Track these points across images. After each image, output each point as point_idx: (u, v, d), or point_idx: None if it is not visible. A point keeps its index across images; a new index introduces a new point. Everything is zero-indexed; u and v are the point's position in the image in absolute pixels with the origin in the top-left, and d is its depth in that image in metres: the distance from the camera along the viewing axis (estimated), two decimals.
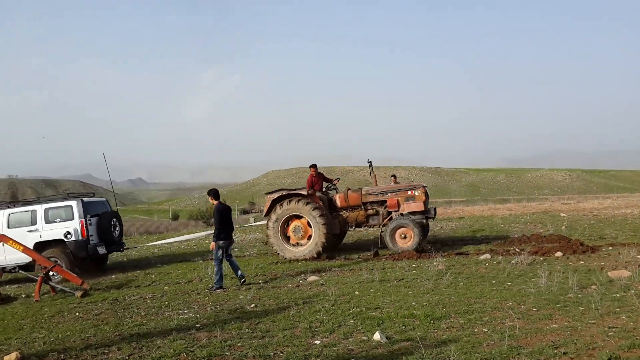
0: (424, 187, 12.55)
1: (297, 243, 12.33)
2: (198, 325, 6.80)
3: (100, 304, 8.80)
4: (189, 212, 66.51)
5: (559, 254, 10.55)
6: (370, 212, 12.56)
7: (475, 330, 5.81)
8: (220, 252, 9.54)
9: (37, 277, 10.16)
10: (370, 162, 13.74)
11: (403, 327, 6.05)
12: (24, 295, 10.30)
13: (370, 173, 13.46)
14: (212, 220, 12.74)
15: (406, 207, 12.10)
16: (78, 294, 9.66)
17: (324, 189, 13.21)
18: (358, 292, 8.19)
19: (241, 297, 8.56)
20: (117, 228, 13.32)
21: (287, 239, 12.37)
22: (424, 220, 12.11)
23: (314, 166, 13.24)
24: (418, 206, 12.03)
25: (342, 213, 12.71)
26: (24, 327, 7.52)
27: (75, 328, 7.09)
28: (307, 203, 12.07)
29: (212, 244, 9.57)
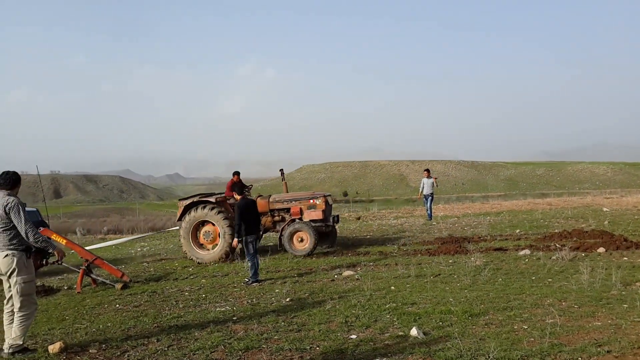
0: (325, 196, 12.98)
1: (207, 247, 12.83)
2: (235, 318, 6.86)
3: (139, 296, 8.97)
4: None
5: (601, 249, 10.24)
6: (276, 218, 13.14)
7: (515, 327, 5.69)
8: (250, 246, 9.60)
9: (79, 269, 10.43)
10: (282, 170, 14.45)
11: (440, 323, 5.97)
12: (66, 287, 10.59)
13: (282, 181, 14.20)
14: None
15: (307, 215, 12.68)
16: (118, 286, 9.88)
17: (244, 194, 13.61)
18: (394, 287, 8.12)
19: (277, 290, 8.60)
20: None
21: (200, 243, 12.89)
22: (324, 227, 12.57)
23: (236, 173, 13.94)
24: (317, 214, 12.61)
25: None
26: (67, 318, 7.71)
27: (116, 319, 7.25)
28: (214, 209, 12.62)
29: (235, 241, 9.74)
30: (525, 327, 5.65)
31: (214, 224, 12.69)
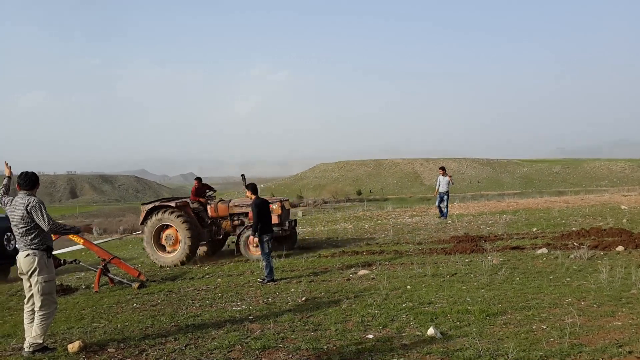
0: (281, 201, 13.23)
1: (169, 250, 13.04)
2: (251, 317, 6.88)
3: (156, 295, 9.04)
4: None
5: (620, 248, 10.10)
6: (236, 222, 13.29)
7: (534, 327, 5.63)
8: (266, 245, 9.63)
9: (97, 268, 10.54)
10: (243, 175, 14.61)
11: (458, 323, 5.93)
12: (83, 286, 10.70)
13: (243, 186, 14.49)
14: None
15: None
16: (135, 285, 9.96)
17: (206, 198, 13.99)
18: (410, 286, 8.08)
19: (292, 290, 8.61)
20: (13, 241, 13.96)
21: (162, 246, 13.10)
22: (280, 231, 12.77)
23: (198, 179, 14.26)
24: (273, 219, 12.52)
25: (219, 222, 13.50)
26: (85, 317, 7.79)
27: (133, 318, 7.31)
28: (174, 213, 12.83)
29: (251, 237, 9.57)
30: (544, 327, 5.59)
31: (175, 228, 12.94)
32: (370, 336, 5.68)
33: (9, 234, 14.06)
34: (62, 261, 10.92)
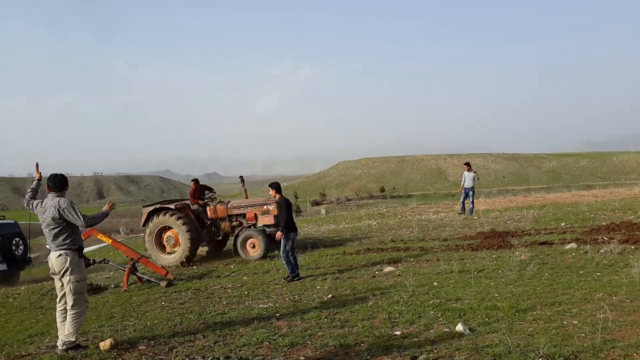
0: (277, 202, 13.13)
1: (169, 251, 13.35)
2: (278, 315, 6.91)
3: (184, 294, 9.15)
4: None
5: None
6: (234, 223, 13.56)
7: (565, 322, 5.53)
8: (289, 244, 9.59)
9: (125, 268, 10.71)
10: (242, 177, 15.20)
11: (486, 319, 5.86)
12: (112, 285, 10.89)
13: (242, 187, 14.79)
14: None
15: (261, 220, 13.19)
16: (163, 284, 10.10)
17: (205, 200, 14.21)
18: (436, 283, 8.03)
19: (318, 287, 8.63)
20: (21, 246, 14.68)
21: (164, 247, 13.45)
22: (275, 232, 12.78)
23: (195, 181, 14.63)
24: (269, 219, 13.08)
25: (218, 223, 13.80)
26: (115, 315, 7.94)
27: (162, 316, 7.41)
28: (174, 215, 13.14)
29: (279, 233, 9.56)
30: (575, 322, 5.50)
31: (175, 230, 13.23)
32: (398, 333, 5.65)
33: (17, 239, 14.57)
34: (91, 261, 11.13)
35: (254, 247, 12.72)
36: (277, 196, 9.91)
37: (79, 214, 5.81)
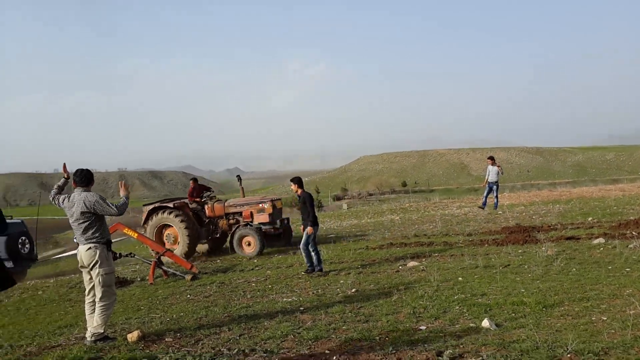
0: (273, 200, 13.69)
1: (169, 248, 13.35)
2: (302, 309, 6.93)
3: (208, 287, 9.24)
4: (283, 200, 68.15)
5: None
6: (231, 221, 13.80)
7: (593, 318, 5.44)
8: (310, 237, 9.54)
9: (151, 261, 10.86)
10: (239, 176, 15.41)
11: (513, 315, 5.80)
12: (139, 279, 11.05)
13: (239, 186, 15.07)
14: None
15: (256, 218, 13.40)
16: (188, 277, 10.21)
17: (203, 199, 14.47)
18: (461, 278, 7.96)
19: (341, 281, 8.63)
20: (27, 245, 15.02)
21: (163, 244, 13.48)
22: (271, 230, 13.41)
23: (194, 179, 15.12)
24: (264, 217, 13.33)
25: (216, 221, 14.08)
26: (142, 308, 8.05)
27: (188, 309, 7.49)
28: (173, 213, 13.48)
29: (310, 228, 9.48)
30: (604, 318, 5.40)
31: (174, 227, 13.54)
32: (423, 327, 5.63)
33: (23, 237, 15.05)
34: (118, 254, 11.31)
35: (249, 244, 13.00)
36: (300, 191, 9.82)
37: (110, 204, 5.93)
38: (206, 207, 14.07)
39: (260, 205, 13.49)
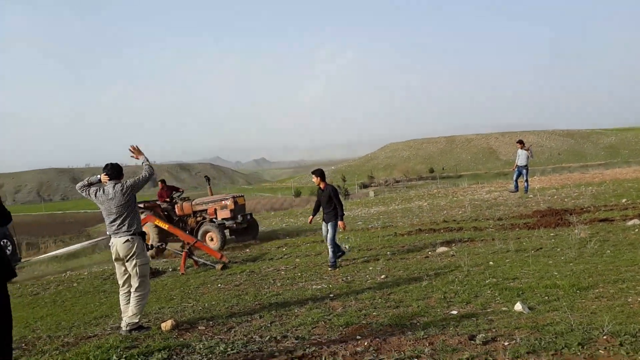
0: (234, 197, 14.31)
1: None
2: (332, 295, 6.95)
3: (239, 276, 9.33)
4: (310, 189, 68.39)
5: None
6: (198, 218, 14.50)
7: (629, 299, 5.32)
8: (337, 231, 9.15)
9: (182, 252, 11.02)
10: (207, 177, 16.34)
11: (546, 298, 5.71)
12: (170, 269, 11.22)
13: (208, 186, 15.70)
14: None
15: (219, 215, 14.12)
16: (218, 266, 10.33)
17: (174, 199, 15.32)
18: (492, 262, 7.87)
19: (370, 268, 8.62)
20: (9, 247, 15.39)
21: None
22: (234, 225, 14.02)
23: (162, 181, 15.95)
24: (226, 214, 14.10)
25: (185, 219, 14.78)
26: (174, 297, 8.18)
27: (219, 298, 7.58)
28: (143, 213, 13.77)
29: (341, 222, 8.99)
30: None
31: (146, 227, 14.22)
32: (454, 312, 5.58)
33: (4, 240, 15.43)
34: (150, 245, 11.52)
35: (212, 239, 13.74)
36: (323, 184, 9.20)
37: (136, 180, 6.12)
38: (176, 206, 14.88)
39: (223, 202, 14.20)
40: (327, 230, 9.16)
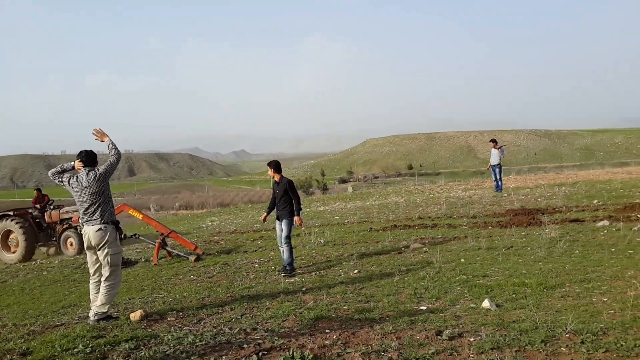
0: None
1: (13, 251, 15.39)
2: (304, 289, 6.97)
3: (212, 268, 9.29)
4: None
5: None
6: (65, 226, 15.14)
7: (594, 299, 5.44)
8: (293, 229, 8.41)
9: (155, 242, 10.92)
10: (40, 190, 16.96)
11: (514, 296, 5.81)
12: (143, 260, 11.13)
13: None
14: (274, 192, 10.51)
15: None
16: (192, 258, 10.27)
17: (46, 206, 16.15)
18: (464, 259, 7.97)
19: (344, 263, 8.66)
20: None
21: (9, 247, 15.52)
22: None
23: (38, 190, 16.87)
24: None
25: (53, 226, 15.53)
26: (145, 288, 8.11)
27: (191, 289, 7.54)
28: (13, 220, 15.27)
29: (297, 218, 8.25)
30: (605, 299, 5.40)
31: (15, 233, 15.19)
32: (423, 308, 5.65)
33: None
34: (122, 235, 11.39)
35: (72, 244, 14.61)
36: (278, 176, 8.37)
37: (106, 165, 6.04)
38: (46, 214, 15.62)
39: None
40: (281, 229, 8.26)
